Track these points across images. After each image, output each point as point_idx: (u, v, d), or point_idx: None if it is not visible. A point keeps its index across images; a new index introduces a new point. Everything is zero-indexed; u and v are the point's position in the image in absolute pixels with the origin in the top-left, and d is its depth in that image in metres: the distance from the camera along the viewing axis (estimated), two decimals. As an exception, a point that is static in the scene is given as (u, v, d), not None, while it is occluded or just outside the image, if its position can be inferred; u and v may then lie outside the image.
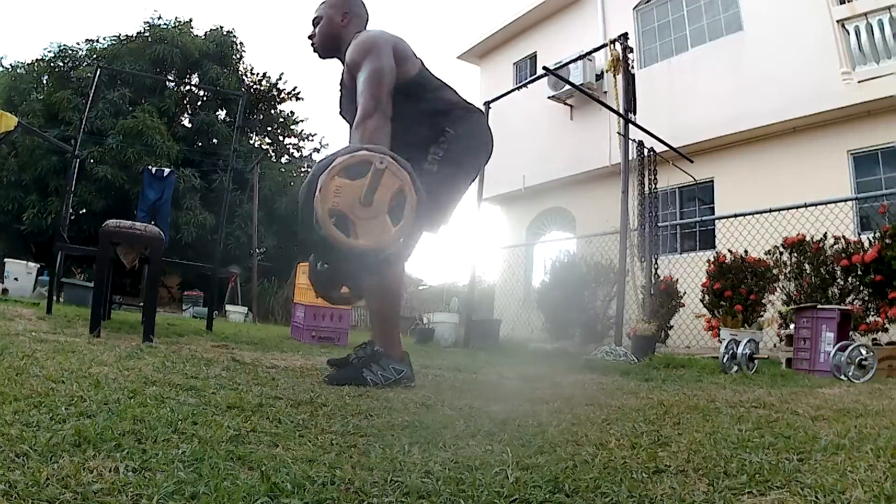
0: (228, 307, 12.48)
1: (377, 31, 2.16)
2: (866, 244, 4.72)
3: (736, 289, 5.39)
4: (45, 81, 15.86)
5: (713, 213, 8.57)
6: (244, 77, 18.24)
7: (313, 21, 2.34)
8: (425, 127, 2.15)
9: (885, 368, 3.57)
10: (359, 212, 1.43)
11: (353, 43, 2.13)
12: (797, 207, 5.37)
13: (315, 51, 2.36)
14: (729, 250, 5.64)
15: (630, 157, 5.57)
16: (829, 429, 1.47)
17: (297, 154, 19.67)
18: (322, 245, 1.46)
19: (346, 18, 2.28)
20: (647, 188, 6.23)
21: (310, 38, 2.36)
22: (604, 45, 5.84)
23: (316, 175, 1.44)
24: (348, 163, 1.45)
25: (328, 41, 2.30)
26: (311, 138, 19.77)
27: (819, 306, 3.95)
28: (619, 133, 5.48)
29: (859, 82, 7.04)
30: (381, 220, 1.45)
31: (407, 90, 2.10)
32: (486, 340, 6.05)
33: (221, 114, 17.60)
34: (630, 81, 5.40)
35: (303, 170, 19.11)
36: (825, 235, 5.03)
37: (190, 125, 17.22)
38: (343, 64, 2.23)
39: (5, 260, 9.40)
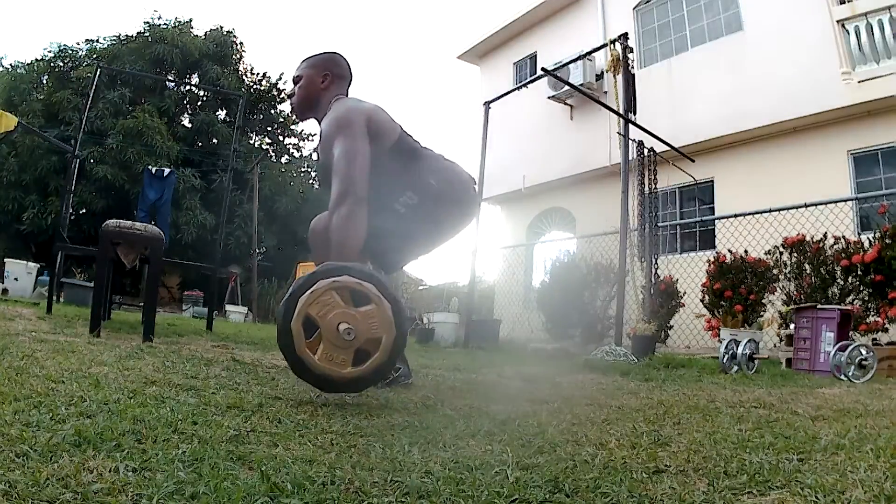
0: (228, 307, 12.48)
1: (352, 105, 2.08)
2: (866, 244, 4.72)
3: (736, 289, 5.39)
4: (45, 81, 15.86)
5: (713, 213, 8.57)
6: (244, 77, 18.24)
7: (294, 80, 2.28)
8: (404, 178, 2.13)
9: (885, 368, 3.57)
10: (332, 335, 1.49)
11: (327, 116, 2.08)
12: (797, 207, 5.37)
13: (293, 110, 2.32)
14: (729, 250, 5.64)
15: (630, 157, 5.57)
16: (829, 429, 1.47)
17: (297, 154, 19.68)
18: (282, 337, 1.51)
19: (326, 80, 2.21)
20: (647, 188, 6.22)
21: (289, 96, 2.32)
22: (604, 45, 5.83)
23: (296, 296, 1.50)
24: (333, 287, 1.51)
25: (307, 103, 2.24)
26: (310, 138, 19.78)
27: (819, 306, 3.95)
28: (619, 133, 5.48)
29: (859, 82, 7.04)
30: (345, 354, 1.51)
31: (387, 159, 2.06)
32: (486, 340, 6.05)
33: (221, 114, 17.61)
34: (630, 81, 5.40)
35: (303, 170, 19.14)
36: (825, 235, 5.03)
37: (190, 125, 17.23)
38: (319, 127, 2.20)
39: (5, 260, 9.40)
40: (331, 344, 1.49)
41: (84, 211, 14.46)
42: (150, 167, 7.44)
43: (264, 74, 18.81)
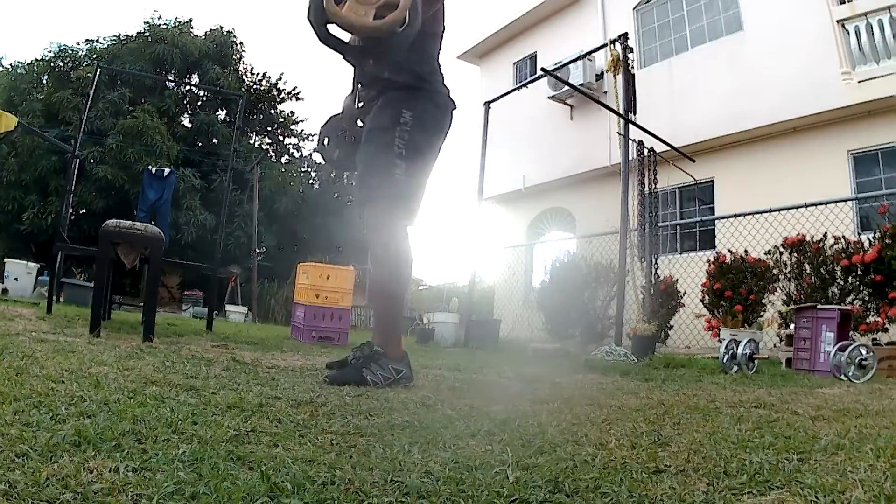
0: (228, 307, 12.48)
1: None
2: (866, 244, 4.72)
3: (736, 289, 5.39)
4: (45, 81, 15.86)
5: (713, 213, 8.57)
6: (244, 77, 18.24)
7: None
8: (389, 108, 2.20)
9: (885, 368, 3.57)
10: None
11: None
12: (797, 207, 5.37)
13: None
14: (729, 250, 5.64)
15: (630, 157, 5.57)
16: (829, 429, 1.47)
17: (297, 154, 19.68)
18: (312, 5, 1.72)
19: None
20: (647, 188, 6.23)
21: None
22: (604, 45, 5.84)
23: None
24: None
25: None
26: (311, 138, 19.77)
27: (819, 306, 3.95)
28: (619, 133, 5.48)
29: (859, 82, 7.04)
30: (367, 9, 1.73)
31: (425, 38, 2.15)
32: (486, 340, 6.05)
33: (221, 114, 17.61)
34: (630, 81, 5.40)
35: (303, 170, 19.14)
36: (825, 235, 5.03)
37: (190, 125, 17.22)
38: None
39: (5, 260, 9.40)
40: (355, 1, 1.71)
41: (84, 211, 14.46)
42: (150, 167, 7.42)
43: (264, 74, 18.81)
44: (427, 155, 2.25)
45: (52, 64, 15.80)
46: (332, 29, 1.76)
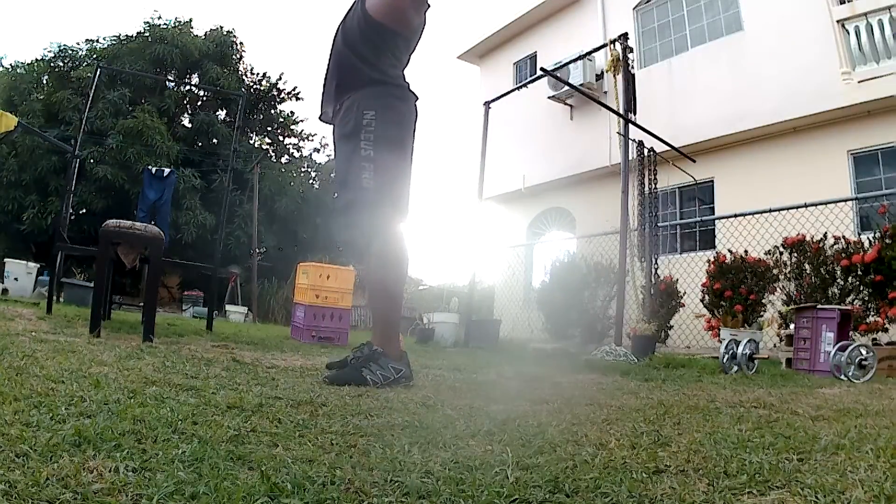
0: (228, 307, 12.48)
1: None
2: (866, 244, 4.72)
3: (736, 289, 5.39)
4: (45, 81, 15.86)
5: (713, 213, 8.57)
6: (244, 77, 18.23)
7: None
8: (352, 113, 2.21)
9: (885, 368, 3.57)
10: None
11: None
12: (797, 207, 5.37)
13: None
14: (729, 250, 5.64)
15: (630, 157, 5.57)
16: (829, 429, 1.47)
17: (297, 154, 19.67)
18: None
19: None
20: (647, 188, 6.22)
21: None
22: (604, 46, 5.84)
23: None
24: None
25: None
26: (311, 138, 19.78)
27: (819, 306, 3.95)
28: (619, 133, 5.48)
29: (859, 82, 7.04)
30: None
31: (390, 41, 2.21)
32: (486, 340, 6.05)
33: (221, 114, 17.60)
34: (630, 81, 5.40)
35: (303, 170, 19.13)
36: (825, 235, 5.03)
37: (190, 125, 17.22)
38: None
39: (5, 260, 9.39)
40: None
41: (84, 211, 14.46)
42: (150, 167, 7.41)
43: (264, 74, 18.80)
44: (398, 147, 2.24)
45: (52, 64, 15.79)
46: None
